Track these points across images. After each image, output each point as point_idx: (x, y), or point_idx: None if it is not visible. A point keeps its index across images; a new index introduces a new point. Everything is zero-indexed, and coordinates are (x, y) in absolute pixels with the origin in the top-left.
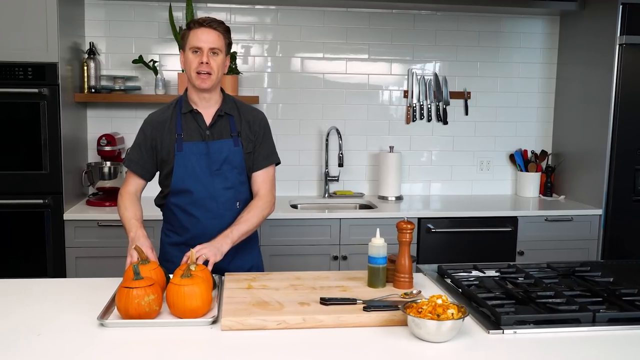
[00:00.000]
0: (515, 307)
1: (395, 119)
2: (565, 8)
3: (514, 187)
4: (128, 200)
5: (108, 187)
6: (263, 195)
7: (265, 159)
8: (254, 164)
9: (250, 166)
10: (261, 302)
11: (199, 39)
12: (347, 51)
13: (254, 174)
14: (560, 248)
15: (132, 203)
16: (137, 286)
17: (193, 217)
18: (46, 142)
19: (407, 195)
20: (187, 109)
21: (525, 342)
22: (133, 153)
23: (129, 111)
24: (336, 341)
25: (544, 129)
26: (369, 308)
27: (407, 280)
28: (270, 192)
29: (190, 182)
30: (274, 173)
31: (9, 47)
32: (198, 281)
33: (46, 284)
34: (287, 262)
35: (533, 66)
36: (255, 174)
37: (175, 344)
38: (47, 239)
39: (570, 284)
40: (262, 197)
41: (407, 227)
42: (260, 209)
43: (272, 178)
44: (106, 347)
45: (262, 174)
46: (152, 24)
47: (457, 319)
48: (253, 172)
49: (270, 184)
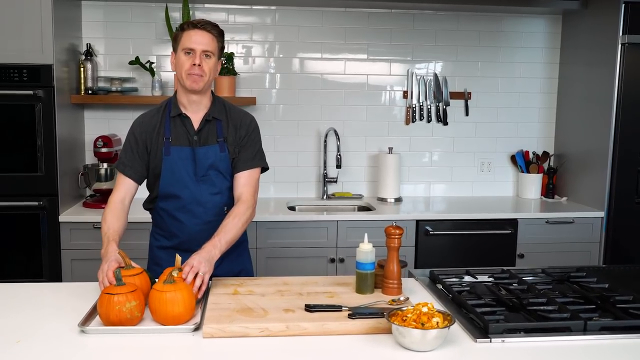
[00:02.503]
0: (505, 315)
1: (395, 119)
2: (568, 7)
3: (515, 189)
4: (109, 213)
5: (105, 189)
6: (245, 200)
7: (249, 160)
8: (236, 165)
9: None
10: (245, 309)
11: (192, 41)
12: (346, 51)
13: (236, 176)
14: (561, 251)
15: (113, 215)
16: (119, 292)
17: (181, 223)
18: (41, 144)
19: (406, 197)
20: (176, 112)
21: (513, 351)
22: (123, 155)
23: (126, 112)
24: (319, 349)
25: (545, 129)
26: (354, 315)
27: (395, 287)
28: (252, 196)
29: (178, 187)
30: (258, 177)
31: (4, 48)
32: (181, 287)
33: (31, 288)
34: (283, 265)
35: (535, 66)
36: (237, 175)
37: (157, 351)
38: (43, 241)
39: (564, 290)
40: (244, 202)
41: (395, 232)
42: (243, 216)
43: (255, 182)
44: (87, 354)
45: (245, 176)
46: (150, 25)
47: (442, 328)
48: (235, 173)
49: (252, 188)
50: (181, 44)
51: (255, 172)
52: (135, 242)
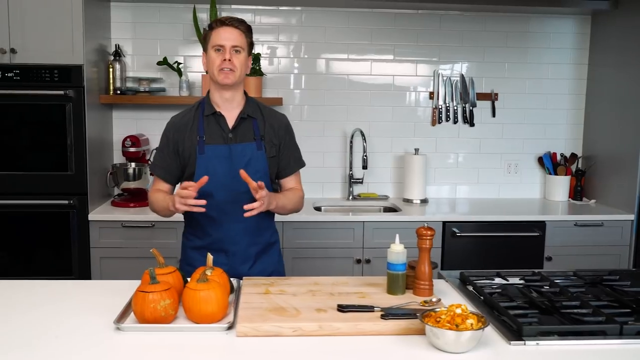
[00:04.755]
0: (538, 317)
1: (421, 120)
2: (597, 7)
3: (542, 191)
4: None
5: (133, 188)
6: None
7: (295, 163)
8: (284, 170)
9: (274, 170)
10: (278, 308)
11: (221, 37)
12: (372, 52)
13: (283, 180)
14: (590, 254)
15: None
16: (153, 290)
17: (215, 221)
18: (72, 144)
19: (432, 199)
20: (210, 111)
21: (548, 354)
22: (157, 157)
23: (153, 112)
24: (352, 349)
25: (573, 131)
26: (387, 316)
27: (426, 288)
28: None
29: (212, 185)
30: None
31: (36, 49)
32: (214, 286)
33: (67, 285)
34: (309, 265)
35: (563, 67)
36: (285, 179)
37: (191, 349)
38: (73, 239)
39: (597, 293)
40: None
41: (427, 234)
42: (300, 199)
43: (300, 181)
44: (122, 351)
45: (294, 179)
46: (177, 26)
47: (477, 330)
48: (283, 177)
49: (300, 186)
50: (211, 42)
51: (299, 173)
52: (164, 242)
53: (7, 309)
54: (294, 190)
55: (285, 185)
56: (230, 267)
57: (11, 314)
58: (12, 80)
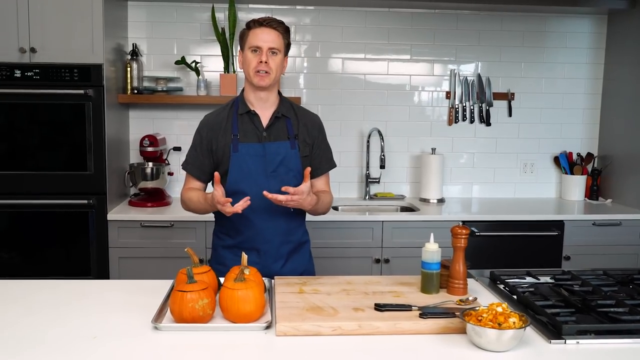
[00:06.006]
0: (575, 316)
1: (437, 120)
2: (614, 6)
3: (558, 190)
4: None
5: (150, 188)
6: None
7: (326, 163)
8: (316, 170)
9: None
10: (315, 307)
11: (259, 39)
12: (389, 52)
13: (313, 180)
14: (608, 253)
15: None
16: (191, 290)
17: (247, 219)
18: (91, 143)
19: (448, 198)
20: (244, 109)
21: (589, 353)
22: (190, 155)
23: (170, 112)
24: (392, 347)
25: (590, 130)
26: (425, 315)
27: (461, 287)
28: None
29: (246, 183)
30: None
31: (56, 49)
32: (252, 285)
33: (94, 284)
34: (328, 265)
35: (579, 66)
36: (315, 180)
37: (230, 348)
38: (91, 239)
39: (630, 292)
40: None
41: (462, 232)
42: (330, 204)
43: (329, 182)
44: (161, 351)
45: (323, 179)
46: (194, 25)
47: (519, 328)
48: (313, 177)
49: (329, 188)
50: (248, 42)
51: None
52: (183, 242)
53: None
54: (326, 194)
55: (315, 185)
56: (262, 266)
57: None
58: (32, 79)
